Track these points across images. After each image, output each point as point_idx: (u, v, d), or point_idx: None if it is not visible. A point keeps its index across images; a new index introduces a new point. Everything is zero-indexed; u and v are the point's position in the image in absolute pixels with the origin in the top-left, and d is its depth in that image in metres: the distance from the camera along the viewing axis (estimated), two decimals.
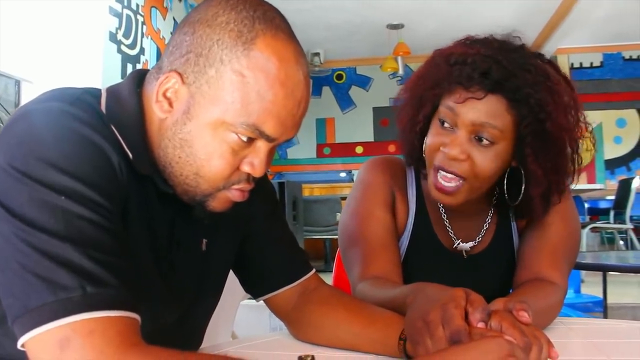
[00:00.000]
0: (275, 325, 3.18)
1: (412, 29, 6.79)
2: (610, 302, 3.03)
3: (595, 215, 6.52)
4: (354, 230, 1.14)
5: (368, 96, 8.31)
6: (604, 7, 6.02)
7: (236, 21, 0.70)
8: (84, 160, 0.65)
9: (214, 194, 0.75)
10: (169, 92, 0.72)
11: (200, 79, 0.70)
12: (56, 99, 0.69)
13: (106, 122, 0.71)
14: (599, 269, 2.37)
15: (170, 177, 0.75)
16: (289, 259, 0.98)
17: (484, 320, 0.69)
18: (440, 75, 1.03)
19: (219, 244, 0.89)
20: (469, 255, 1.16)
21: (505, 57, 0.99)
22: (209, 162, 0.72)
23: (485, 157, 0.99)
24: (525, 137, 0.99)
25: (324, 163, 8.21)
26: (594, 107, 7.51)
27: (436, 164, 1.03)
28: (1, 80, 3.20)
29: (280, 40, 0.71)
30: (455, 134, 1.00)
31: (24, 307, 0.58)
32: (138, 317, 0.62)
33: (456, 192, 1.02)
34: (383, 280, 1.03)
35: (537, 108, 0.97)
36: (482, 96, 0.97)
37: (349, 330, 0.87)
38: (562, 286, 1.05)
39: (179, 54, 0.72)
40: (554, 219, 1.10)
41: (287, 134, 0.74)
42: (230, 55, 0.69)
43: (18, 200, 0.61)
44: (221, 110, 0.70)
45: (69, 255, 0.59)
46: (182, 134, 0.72)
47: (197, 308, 0.90)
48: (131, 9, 4.50)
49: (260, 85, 0.69)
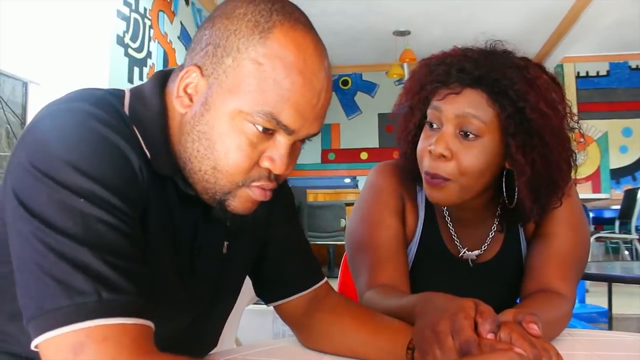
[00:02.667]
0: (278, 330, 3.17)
1: (419, 35, 6.79)
2: (615, 312, 3.01)
3: (600, 224, 6.51)
4: (363, 236, 1.13)
5: (373, 102, 8.32)
6: (610, 16, 6.02)
7: (254, 12, 0.70)
8: (104, 163, 0.64)
9: (234, 192, 0.73)
10: (190, 87, 0.72)
11: (218, 69, 0.70)
12: (80, 99, 0.69)
13: (128, 123, 0.71)
14: (604, 279, 2.35)
15: (190, 174, 0.74)
16: (303, 266, 0.97)
17: (494, 331, 0.68)
18: (423, 79, 1.06)
19: (239, 247, 0.88)
20: (476, 264, 1.15)
21: (484, 55, 1.02)
22: (226, 154, 0.70)
23: (470, 153, 0.99)
24: (508, 129, 0.98)
25: (328, 169, 8.21)
26: (600, 116, 7.50)
27: (424, 170, 1.03)
28: (9, 82, 3.21)
29: (299, 30, 0.71)
30: (439, 132, 1.01)
31: (40, 309, 0.57)
32: (152, 324, 0.62)
33: (445, 189, 1.01)
34: (391, 289, 1.02)
35: (516, 98, 0.97)
36: (459, 90, 0.99)
37: (357, 339, 0.87)
38: (570, 298, 1.04)
39: (199, 49, 0.72)
40: (562, 229, 1.10)
41: (307, 127, 0.72)
42: (247, 43, 0.68)
43: (38, 200, 0.61)
44: (238, 99, 0.69)
45: (87, 260, 0.59)
46: (200, 126, 0.71)
47: (214, 311, 0.89)
48: (139, 12, 4.51)
49: (277, 73, 0.68)
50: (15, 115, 3.22)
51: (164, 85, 0.78)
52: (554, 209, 1.08)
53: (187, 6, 5.51)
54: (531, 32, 6.66)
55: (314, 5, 5.85)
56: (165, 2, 5.01)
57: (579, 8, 5.90)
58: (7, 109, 3.15)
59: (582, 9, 5.84)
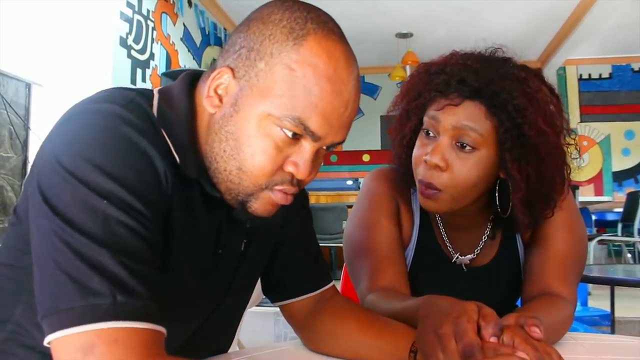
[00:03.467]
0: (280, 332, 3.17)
1: (421, 38, 6.80)
2: (617, 316, 3.00)
3: (602, 227, 6.49)
4: (360, 241, 1.13)
5: (376, 104, 8.31)
6: (613, 19, 6.02)
7: (289, 19, 0.71)
8: (129, 166, 0.65)
9: (257, 194, 0.74)
10: (220, 88, 0.73)
11: (250, 72, 0.71)
12: (110, 100, 0.69)
13: (156, 125, 0.71)
14: (607, 282, 2.35)
15: (215, 174, 0.74)
16: (313, 267, 0.98)
17: (497, 334, 0.68)
18: (422, 86, 1.06)
19: (256, 246, 0.89)
20: (472, 268, 1.16)
21: (484, 65, 1.01)
22: (252, 156, 0.71)
23: (465, 165, 0.99)
24: (504, 143, 0.98)
25: (330, 170, 8.20)
26: (602, 118, 7.50)
27: (418, 178, 1.04)
28: (12, 83, 3.22)
29: (332, 40, 0.72)
30: (437, 141, 1.01)
31: (54, 307, 0.58)
32: (164, 330, 0.62)
33: (438, 199, 1.02)
34: (392, 292, 1.03)
35: (514, 113, 0.97)
36: (458, 102, 0.99)
37: (360, 341, 0.87)
38: (572, 300, 1.04)
39: (233, 51, 0.73)
40: (559, 231, 1.10)
41: (333, 134, 0.73)
42: (281, 49, 0.70)
43: (61, 198, 0.62)
44: (268, 102, 0.70)
45: (104, 261, 0.59)
46: (228, 127, 0.72)
47: (228, 308, 0.90)
48: (142, 14, 4.52)
49: (307, 80, 0.69)
50: (18, 116, 3.23)
51: (192, 86, 0.79)
52: (546, 219, 1.08)
53: (190, 8, 5.52)
54: (534, 34, 6.66)
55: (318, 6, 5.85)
56: (168, 4, 5.02)
57: (581, 10, 5.90)
58: (10, 110, 3.16)
59: (585, 11, 5.84)
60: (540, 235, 1.11)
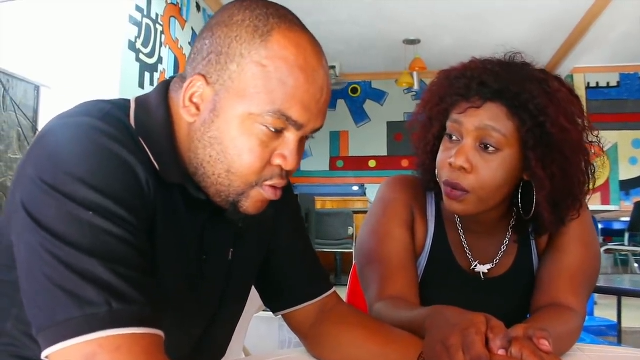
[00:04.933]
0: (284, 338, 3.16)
1: (429, 44, 6.79)
2: (624, 326, 2.99)
3: (609, 236, 6.46)
4: (373, 249, 1.13)
5: (383, 110, 8.31)
6: (621, 27, 6.00)
7: (251, 18, 0.73)
8: (111, 176, 0.65)
9: (247, 192, 0.75)
10: (195, 96, 0.74)
11: (224, 75, 0.72)
12: (86, 113, 0.70)
13: (134, 135, 0.72)
14: (614, 293, 2.33)
15: (203, 178, 0.75)
16: (310, 275, 0.98)
17: (505, 347, 0.68)
18: (443, 91, 1.07)
19: (244, 254, 0.89)
20: (486, 278, 1.15)
21: (504, 68, 1.03)
22: (240, 157, 0.73)
23: (490, 166, 1.00)
24: (528, 142, 0.99)
25: (336, 176, 8.20)
26: (610, 127, 7.46)
27: (444, 179, 1.04)
28: (21, 85, 3.23)
29: (296, 31, 0.74)
30: (461, 144, 1.01)
31: (50, 320, 0.58)
32: (162, 333, 0.63)
33: (464, 201, 1.02)
34: (401, 301, 1.02)
35: (536, 112, 0.98)
36: (480, 104, 1.00)
37: (366, 350, 0.87)
38: (581, 313, 1.04)
39: (201, 58, 0.74)
40: (574, 244, 1.09)
41: (313, 121, 0.75)
42: (249, 48, 0.71)
43: (47, 214, 0.62)
44: (246, 102, 0.71)
45: (96, 271, 0.60)
46: (210, 132, 0.73)
47: (222, 316, 0.89)
48: (151, 18, 4.54)
49: (281, 73, 0.71)
50: (27, 118, 3.24)
51: (167, 94, 0.79)
52: (572, 220, 1.08)
53: (199, 12, 5.54)
54: (541, 42, 6.65)
55: (325, 13, 5.87)
56: (176, 8, 5.04)
57: (590, 19, 5.88)
58: (19, 112, 3.17)
59: (593, 19, 5.82)
60: (555, 247, 1.11)
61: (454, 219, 1.17)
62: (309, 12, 0.84)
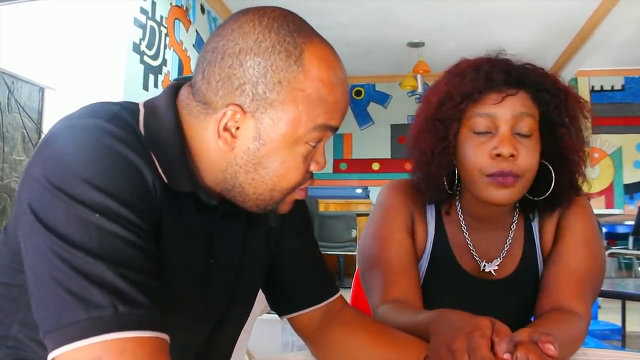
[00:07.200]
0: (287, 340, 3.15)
1: (433, 47, 6.79)
2: (629, 330, 2.97)
3: (613, 240, 6.44)
4: (374, 253, 1.13)
5: (386, 113, 8.32)
6: (626, 31, 5.99)
7: (280, 42, 0.72)
8: (118, 178, 0.65)
9: (285, 199, 0.78)
10: (230, 125, 0.73)
11: (263, 104, 0.72)
12: (94, 115, 0.70)
13: (142, 139, 0.71)
14: (618, 296, 2.33)
15: (241, 196, 0.77)
16: (317, 279, 0.98)
17: (510, 351, 0.68)
18: (461, 88, 1.06)
19: (252, 258, 0.89)
20: (490, 279, 1.14)
21: (513, 61, 1.10)
22: (286, 177, 0.76)
23: (528, 150, 1.04)
24: (555, 119, 1.06)
25: (340, 179, 8.20)
26: (614, 130, 7.45)
27: (492, 172, 1.03)
28: (25, 87, 3.25)
29: (318, 44, 0.75)
30: (499, 135, 1.03)
31: (56, 323, 0.58)
32: (167, 337, 0.63)
33: (513, 187, 1.03)
34: (404, 304, 1.02)
35: (555, 91, 1.06)
36: (515, 92, 1.04)
37: (371, 353, 0.87)
38: (586, 317, 1.03)
39: (232, 88, 0.72)
40: (579, 247, 1.09)
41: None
42: (288, 76, 0.72)
43: (54, 216, 0.62)
44: (292, 126, 0.73)
45: (102, 274, 0.60)
46: (256, 159, 0.74)
47: (227, 322, 0.89)
48: (155, 20, 4.55)
49: (320, 93, 0.73)
50: (32, 120, 3.25)
51: (176, 99, 0.79)
52: (577, 195, 1.12)
53: (203, 15, 5.55)
54: (545, 45, 6.64)
55: (329, 16, 5.88)
56: (181, 11, 5.05)
57: (594, 22, 5.88)
58: (24, 114, 3.18)
59: (597, 23, 5.81)
60: (559, 251, 1.11)
61: (457, 220, 1.17)
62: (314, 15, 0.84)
